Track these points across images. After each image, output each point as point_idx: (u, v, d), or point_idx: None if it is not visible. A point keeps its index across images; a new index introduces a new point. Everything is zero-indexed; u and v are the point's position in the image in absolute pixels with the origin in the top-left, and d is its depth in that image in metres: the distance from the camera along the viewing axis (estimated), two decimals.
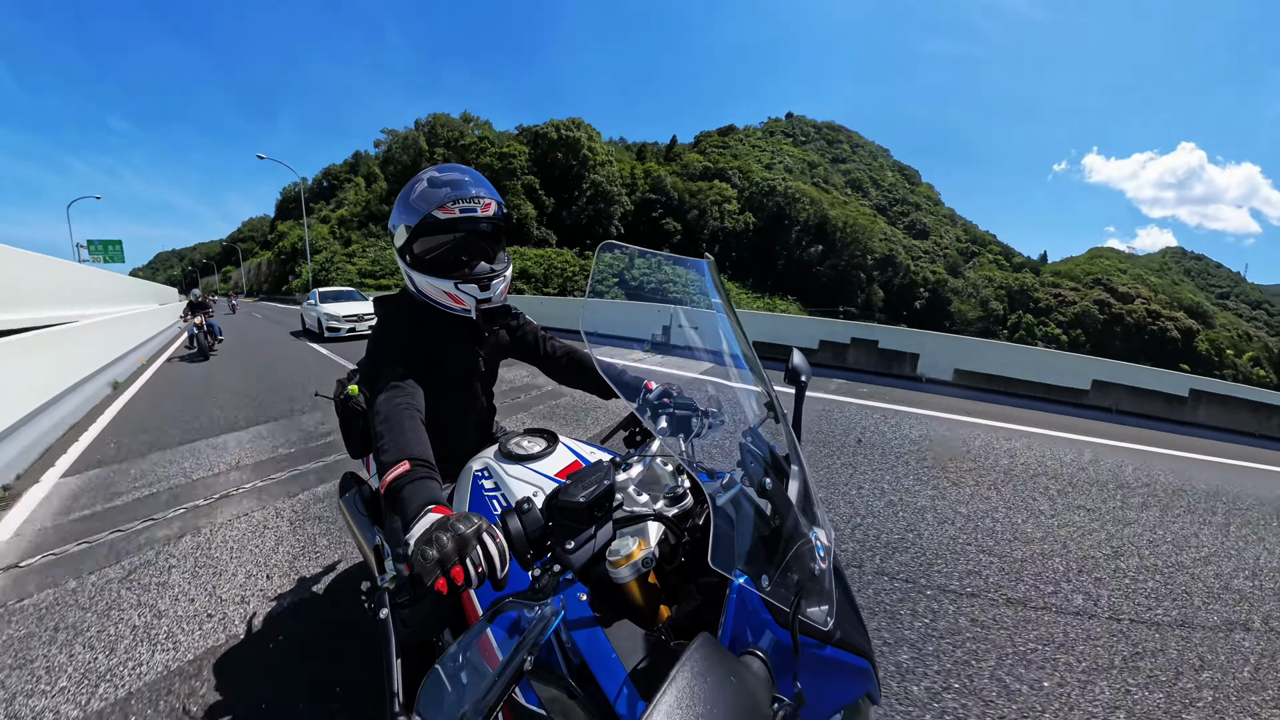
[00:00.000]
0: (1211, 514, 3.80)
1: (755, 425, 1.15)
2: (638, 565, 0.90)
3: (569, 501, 0.87)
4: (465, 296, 1.40)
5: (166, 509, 3.33)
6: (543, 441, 1.44)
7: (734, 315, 1.22)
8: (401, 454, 1.08)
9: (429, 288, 1.40)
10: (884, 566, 2.70)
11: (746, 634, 0.83)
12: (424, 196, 1.34)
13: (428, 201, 1.33)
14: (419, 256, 1.40)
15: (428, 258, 1.40)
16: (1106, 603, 2.54)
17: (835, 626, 0.86)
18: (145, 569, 2.65)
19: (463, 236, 1.40)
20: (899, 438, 5.06)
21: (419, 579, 0.77)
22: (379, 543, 1.68)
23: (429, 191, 1.35)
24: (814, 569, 0.88)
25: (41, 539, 3.01)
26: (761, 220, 72.27)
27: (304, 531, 3.01)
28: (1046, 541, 3.12)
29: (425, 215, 1.32)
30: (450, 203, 1.33)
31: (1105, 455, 5.14)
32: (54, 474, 4.09)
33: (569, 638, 0.86)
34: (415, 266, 1.40)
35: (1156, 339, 70.69)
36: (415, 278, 1.41)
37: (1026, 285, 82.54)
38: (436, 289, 1.40)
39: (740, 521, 0.93)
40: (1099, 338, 72.47)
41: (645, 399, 1.43)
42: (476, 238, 1.42)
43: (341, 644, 2.10)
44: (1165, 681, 2.03)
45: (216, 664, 2.00)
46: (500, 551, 0.80)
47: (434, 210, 1.32)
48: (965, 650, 2.11)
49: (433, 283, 1.39)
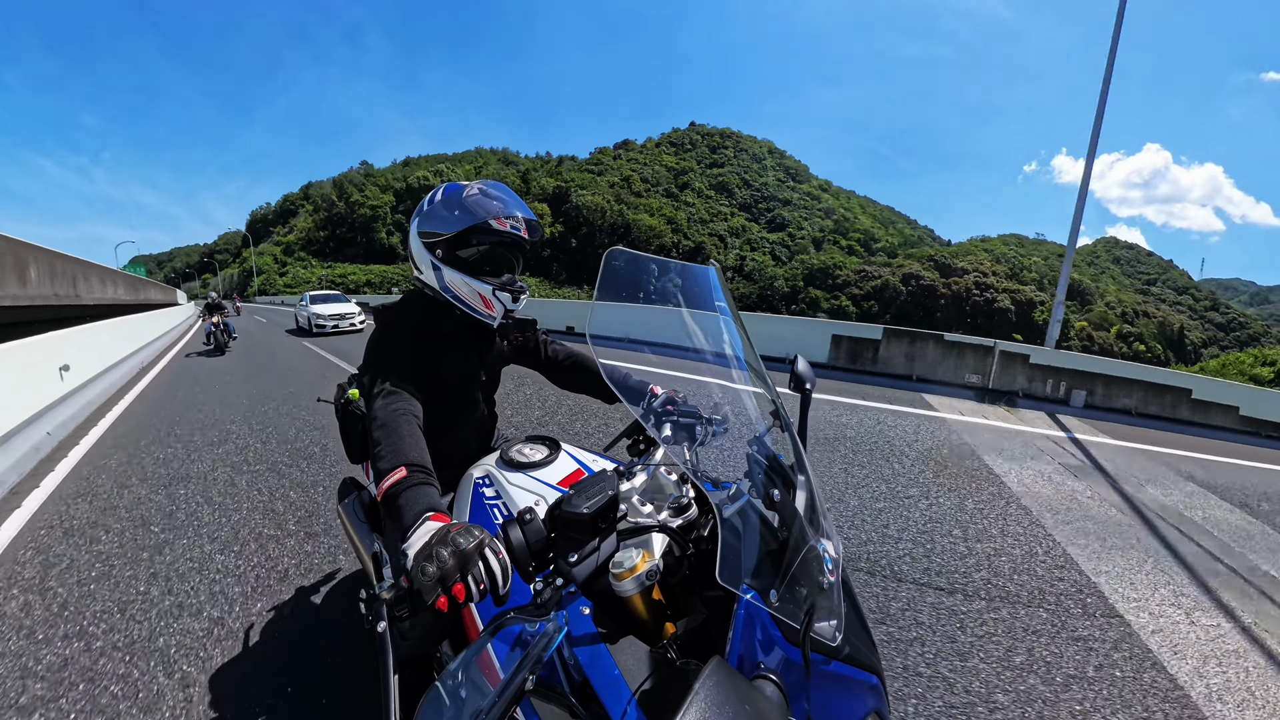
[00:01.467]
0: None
1: (761, 434, 1.13)
2: (642, 578, 0.88)
3: (572, 512, 0.85)
4: (498, 303, 1.44)
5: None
6: (544, 449, 1.42)
7: (739, 322, 1.20)
8: (399, 460, 1.07)
9: (463, 287, 1.42)
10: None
11: (755, 651, 0.80)
12: (479, 204, 1.38)
13: (484, 209, 1.37)
14: (458, 256, 1.42)
15: (469, 259, 1.43)
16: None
17: (844, 641, 0.84)
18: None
19: (493, 247, 1.43)
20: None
21: (418, 595, 0.75)
22: (377, 549, 1.66)
23: (484, 200, 1.38)
24: (822, 582, 0.86)
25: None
26: (575, 228, 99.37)
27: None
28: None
29: (481, 220, 1.36)
30: (504, 216, 1.38)
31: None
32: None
33: (571, 654, 0.84)
34: (450, 263, 1.42)
35: (983, 309, 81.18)
36: (448, 274, 1.42)
37: (833, 264, 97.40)
38: (472, 290, 1.42)
39: (747, 534, 0.91)
40: (904, 309, 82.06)
41: (649, 405, 1.41)
42: (505, 250, 1.45)
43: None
44: None
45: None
46: (502, 567, 0.78)
47: (490, 219, 1.36)
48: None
49: (471, 283, 1.41)
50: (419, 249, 1.46)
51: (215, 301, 12.22)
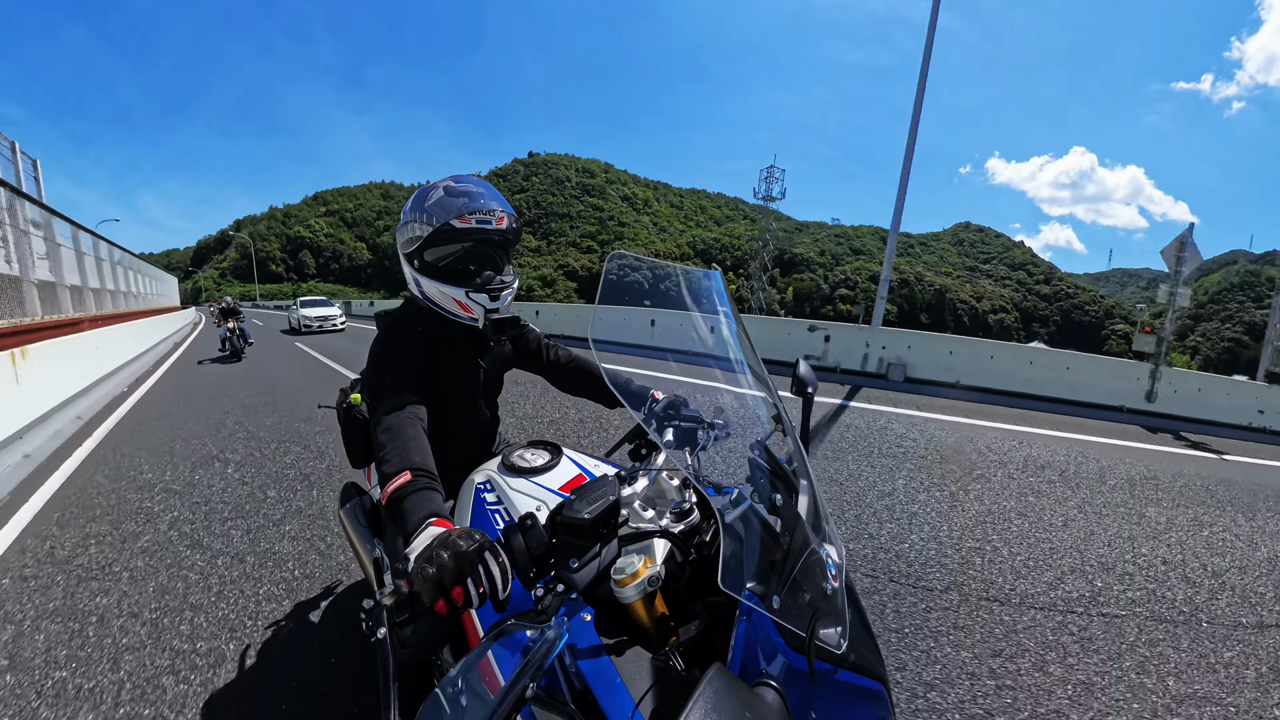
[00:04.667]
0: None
1: (763, 438, 1.13)
2: (644, 584, 0.87)
3: (574, 518, 0.84)
4: (475, 305, 1.40)
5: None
6: (546, 454, 1.42)
7: (742, 326, 1.20)
8: (404, 464, 1.06)
9: (438, 294, 1.41)
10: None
11: (758, 658, 0.79)
12: (441, 204, 1.34)
13: (445, 210, 1.33)
14: (430, 263, 1.40)
15: (440, 265, 1.40)
16: None
17: (849, 649, 0.83)
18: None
19: (474, 246, 1.40)
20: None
21: (418, 598, 0.74)
22: (379, 555, 1.65)
23: (446, 200, 1.34)
24: (826, 588, 0.85)
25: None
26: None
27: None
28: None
29: (443, 223, 1.32)
30: (467, 213, 1.33)
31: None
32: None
33: (573, 662, 0.83)
34: (424, 272, 1.40)
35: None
36: (424, 284, 1.41)
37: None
38: (446, 296, 1.40)
39: (749, 539, 0.90)
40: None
41: (651, 410, 1.41)
42: (487, 248, 1.42)
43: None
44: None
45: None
46: (503, 571, 0.78)
47: (451, 219, 1.32)
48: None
49: (443, 289, 1.39)
50: (403, 261, 1.45)
51: (230, 306, 11.85)
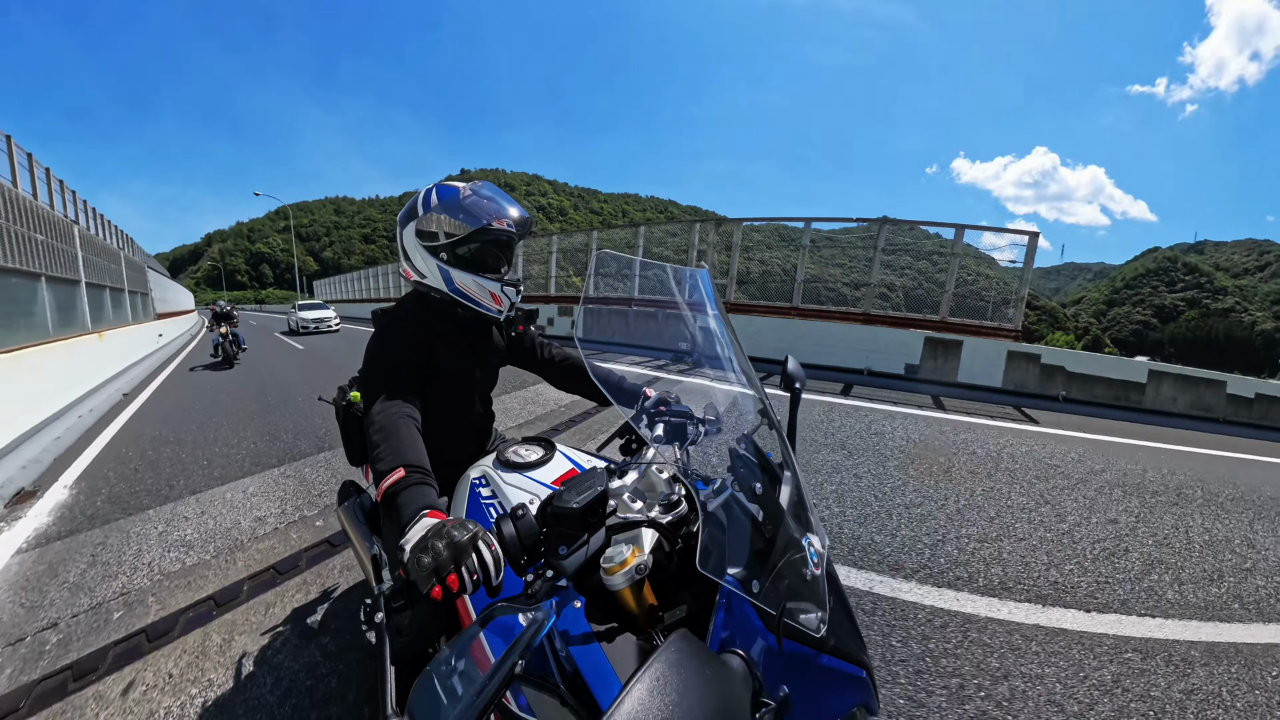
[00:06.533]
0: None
1: (749, 432, 1.16)
2: (631, 572, 0.90)
3: (563, 507, 0.87)
4: (504, 298, 1.51)
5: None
6: (540, 449, 1.45)
7: (728, 323, 1.23)
8: (397, 461, 1.09)
9: (474, 286, 1.48)
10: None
11: (735, 639, 0.83)
12: (479, 206, 1.44)
13: (485, 211, 1.43)
14: (461, 257, 1.48)
15: (470, 259, 1.49)
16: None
17: (829, 634, 0.86)
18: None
19: (493, 244, 1.49)
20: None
21: (414, 586, 0.77)
22: (377, 552, 1.68)
23: (481, 203, 1.44)
24: (806, 575, 0.88)
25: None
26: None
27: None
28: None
29: (486, 222, 1.42)
30: (502, 217, 1.44)
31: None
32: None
33: (564, 647, 0.86)
34: (457, 264, 1.47)
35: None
36: (456, 275, 1.48)
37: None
38: (483, 289, 1.48)
39: (731, 526, 0.93)
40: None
41: (642, 406, 1.44)
42: (500, 249, 1.52)
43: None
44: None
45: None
46: (495, 558, 0.81)
47: (492, 221, 1.42)
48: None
49: (479, 281, 1.48)
50: (420, 253, 1.49)
51: (224, 310, 11.55)
